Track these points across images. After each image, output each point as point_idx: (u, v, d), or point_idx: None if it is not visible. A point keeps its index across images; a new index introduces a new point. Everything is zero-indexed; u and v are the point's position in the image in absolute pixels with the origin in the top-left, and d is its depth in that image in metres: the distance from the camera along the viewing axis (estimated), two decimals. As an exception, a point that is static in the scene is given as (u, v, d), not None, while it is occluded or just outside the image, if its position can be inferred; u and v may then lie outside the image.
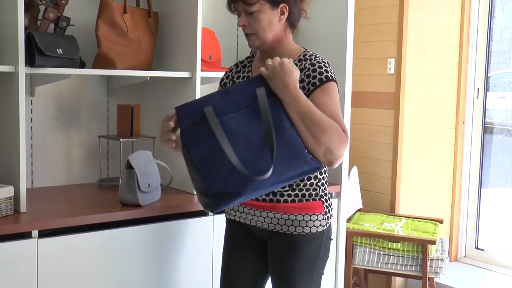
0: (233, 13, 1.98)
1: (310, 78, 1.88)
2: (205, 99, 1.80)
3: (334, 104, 1.87)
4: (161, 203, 2.42)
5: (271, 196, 1.94)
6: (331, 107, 1.85)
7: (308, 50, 2.01)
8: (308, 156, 1.79)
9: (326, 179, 2.03)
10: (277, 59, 1.79)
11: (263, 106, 1.77)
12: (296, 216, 1.94)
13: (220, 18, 3.07)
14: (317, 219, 1.95)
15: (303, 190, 1.94)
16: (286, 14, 1.95)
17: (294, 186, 1.94)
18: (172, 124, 1.83)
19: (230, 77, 2.12)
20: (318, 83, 1.87)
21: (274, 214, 1.95)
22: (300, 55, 1.98)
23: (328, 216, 2.00)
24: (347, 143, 1.83)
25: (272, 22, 1.92)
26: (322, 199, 1.98)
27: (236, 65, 2.15)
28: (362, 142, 4.07)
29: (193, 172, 1.78)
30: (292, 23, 1.99)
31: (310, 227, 1.95)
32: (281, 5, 1.93)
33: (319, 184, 1.98)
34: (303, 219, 1.94)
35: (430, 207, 4.12)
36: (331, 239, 2.06)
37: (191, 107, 1.79)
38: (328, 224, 2.00)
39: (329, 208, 2.01)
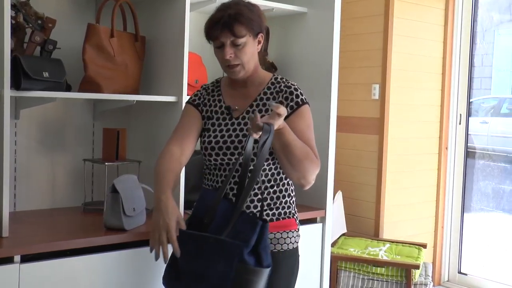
0: (210, 42, 2.02)
1: (288, 101, 1.96)
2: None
3: (308, 129, 1.98)
4: (146, 227, 2.40)
5: None
6: (306, 133, 1.95)
7: (275, 74, 2.08)
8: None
9: (294, 197, 2.10)
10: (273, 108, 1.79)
11: None
12: (274, 234, 1.98)
13: (207, 43, 3.07)
14: (293, 236, 2.02)
15: (279, 208, 2.00)
16: (262, 43, 2.02)
17: (272, 205, 1.99)
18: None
19: (202, 99, 2.13)
20: (295, 106, 1.96)
21: None
22: (271, 79, 2.04)
23: (299, 234, 2.07)
24: (319, 168, 1.94)
25: (254, 52, 1.98)
26: (294, 217, 2.05)
27: (205, 89, 2.16)
28: (347, 167, 4.09)
29: None
30: (261, 50, 2.05)
31: (288, 244, 2.00)
32: (259, 35, 1.99)
33: (291, 201, 2.05)
34: (281, 237, 1.99)
35: (413, 231, 4.14)
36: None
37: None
38: (299, 241, 2.07)
39: (299, 225, 2.09)
